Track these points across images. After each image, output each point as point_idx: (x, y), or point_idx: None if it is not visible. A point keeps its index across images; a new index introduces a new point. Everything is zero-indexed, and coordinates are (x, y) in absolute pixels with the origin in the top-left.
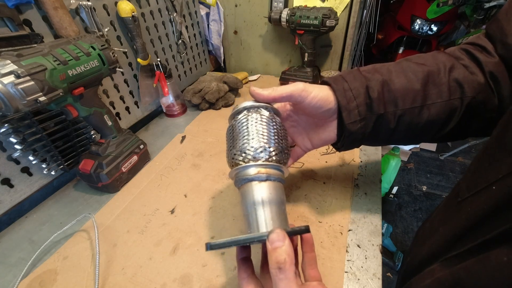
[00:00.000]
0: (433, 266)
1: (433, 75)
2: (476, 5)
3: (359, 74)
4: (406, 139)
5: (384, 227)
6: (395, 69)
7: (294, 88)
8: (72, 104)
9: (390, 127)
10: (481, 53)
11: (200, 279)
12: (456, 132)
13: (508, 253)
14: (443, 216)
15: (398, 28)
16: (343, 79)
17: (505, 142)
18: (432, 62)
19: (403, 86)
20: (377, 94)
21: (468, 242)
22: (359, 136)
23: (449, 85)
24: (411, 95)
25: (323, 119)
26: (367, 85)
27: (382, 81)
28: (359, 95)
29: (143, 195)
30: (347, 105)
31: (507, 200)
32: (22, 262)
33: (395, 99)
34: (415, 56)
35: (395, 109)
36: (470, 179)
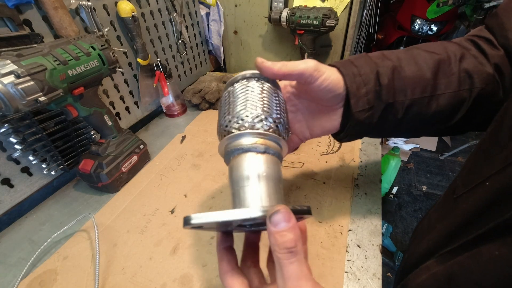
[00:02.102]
0: (429, 262)
1: (444, 64)
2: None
3: (369, 59)
4: (411, 131)
5: (384, 227)
6: (405, 56)
7: (305, 65)
8: (72, 104)
9: (398, 117)
10: (487, 45)
11: (200, 279)
12: (460, 125)
13: (500, 247)
14: (440, 213)
15: (398, 28)
16: (352, 64)
17: (498, 138)
18: (442, 51)
19: (413, 74)
20: (387, 81)
21: (462, 237)
22: (365, 126)
23: (459, 75)
24: (422, 84)
25: (329, 105)
26: (378, 71)
27: (393, 67)
28: (369, 81)
29: (143, 195)
30: (356, 91)
31: (500, 195)
32: (22, 262)
33: (405, 87)
34: (424, 44)
35: (404, 98)
36: (466, 176)
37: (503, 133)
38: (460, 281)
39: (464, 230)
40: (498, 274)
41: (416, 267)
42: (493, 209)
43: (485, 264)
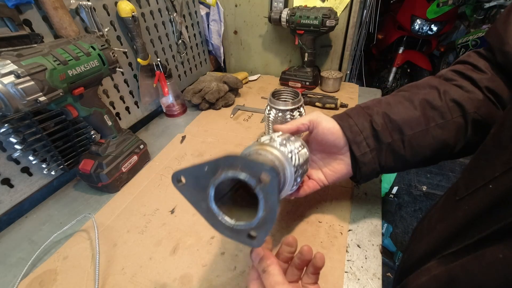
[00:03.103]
0: (430, 264)
1: (429, 100)
2: (476, 5)
3: (362, 110)
4: (422, 161)
5: (384, 227)
6: (393, 101)
7: (310, 116)
8: (72, 104)
9: (402, 153)
10: (472, 71)
11: (200, 279)
12: (472, 147)
13: (503, 250)
14: (441, 214)
15: (398, 28)
16: (347, 116)
17: (500, 140)
18: (425, 90)
19: (402, 114)
20: (380, 126)
21: (465, 239)
22: (375, 166)
23: (447, 105)
24: (413, 121)
25: (334, 151)
26: (371, 120)
27: (383, 113)
28: (364, 128)
29: (143, 195)
30: (354, 138)
31: (503, 198)
32: (22, 262)
33: (399, 127)
34: (409, 85)
35: (401, 136)
36: (468, 178)
37: (505, 135)
38: (462, 283)
39: (466, 232)
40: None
41: (416, 268)
42: (496, 212)
43: (489, 267)
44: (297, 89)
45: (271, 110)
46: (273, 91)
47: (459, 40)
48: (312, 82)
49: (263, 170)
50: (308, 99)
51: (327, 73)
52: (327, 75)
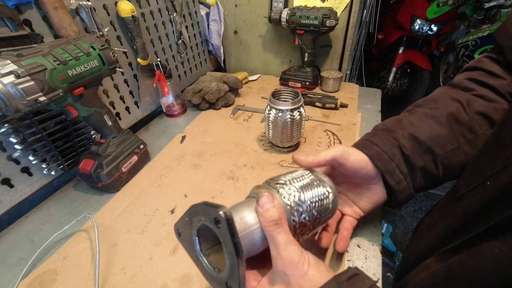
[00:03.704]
0: (429, 261)
1: (454, 115)
2: (476, 5)
3: (385, 134)
4: (456, 177)
5: (384, 227)
6: (415, 120)
7: (334, 151)
8: (72, 104)
9: (435, 173)
10: (489, 78)
11: (200, 279)
12: None
13: (500, 245)
14: (441, 212)
15: (398, 28)
16: (372, 143)
17: (501, 138)
18: (446, 103)
19: (430, 134)
20: (410, 150)
21: (462, 236)
22: (411, 191)
23: (474, 119)
24: (442, 139)
25: (365, 182)
26: (399, 144)
27: (409, 135)
28: (394, 155)
29: (143, 195)
30: (387, 168)
31: (500, 194)
32: (22, 262)
33: (429, 148)
34: (424, 99)
35: (433, 157)
36: (469, 176)
37: (506, 134)
38: (459, 278)
39: (464, 228)
40: (497, 271)
41: (415, 265)
42: (493, 208)
43: (485, 262)
44: (297, 89)
45: (271, 110)
46: (273, 91)
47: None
48: (312, 82)
49: (216, 214)
50: (308, 99)
51: (327, 73)
52: (327, 75)
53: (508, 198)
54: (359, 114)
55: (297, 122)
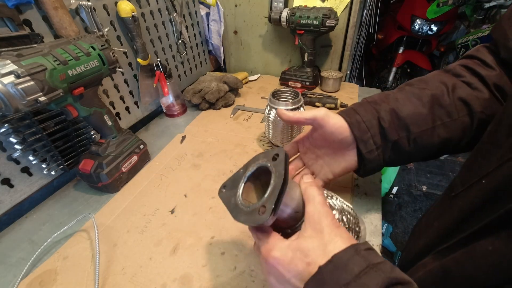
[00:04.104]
0: (425, 259)
1: (437, 97)
2: (476, 5)
3: (369, 106)
4: (426, 157)
5: (384, 227)
6: (400, 97)
7: (317, 113)
8: (72, 104)
9: (406, 150)
10: (481, 67)
11: (200, 279)
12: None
13: (493, 242)
14: (438, 211)
15: (398, 28)
16: (355, 112)
17: (496, 137)
18: (434, 85)
19: (411, 112)
20: (388, 123)
21: (458, 234)
22: (380, 162)
23: (455, 104)
24: (420, 119)
25: (341, 147)
26: (378, 116)
27: (391, 110)
28: (372, 126)
29: (143, 195)
30: (362, 136)
31: (495, 192)
32: (22, 262)
33: (406, 124)
34: (417, 79)
35: (408, 133)
36: (464, 174)
37: (500, 132)
38: (454, 276)
39: (460, 227)
40: (491, 267)
41: (412, 265)
42: (488, 206)
43: (479, 259)
44: (297, 89)
45: (271, 110)
46: (273, 91)
47: (459, 40)
48: (312, 82)
49: (278, 151)
50: (308, 99)
51: (327, 73)
52: (327, 75)
53: (502, 196)
54: None
55: None
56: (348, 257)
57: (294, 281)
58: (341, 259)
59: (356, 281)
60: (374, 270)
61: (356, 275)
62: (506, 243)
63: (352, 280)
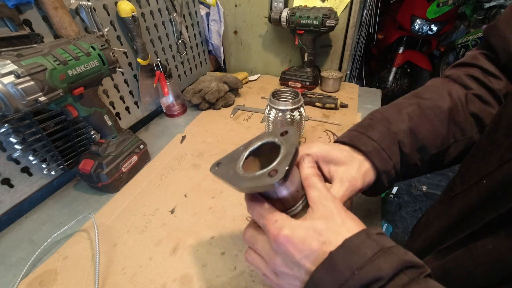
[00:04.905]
0: (426, 259)
1: (453, 112)
2: (476, 5)
3: (383, 127)
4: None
5: (384, 227)
6: (415, 114)
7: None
8: (72, 104)
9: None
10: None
11: (200, 279)
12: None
13: (493, 241)
14: (438, 211)
15: (398, 28)
16: (368, 138)
17: (496, 137)
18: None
19: (429, 133)
20: (409, 148)
21: (458, 233)
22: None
23: (468, 120)
24: (439, 140)
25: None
26: (399, 141)
27: (410, 130)
28: (393, 154)
29: (143, 195)
30: (384, 167)
31: (495, 192)
32: (22, 262)
33: (423, 146)
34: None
35: (424, 155)
36: (463, 174)
37: (500, 132)
38: (454, 275)
39: (460, 226)
40: (490, 266)
41: None
42: (488, 206)
43: (479, 258)
44: (297, 89)
45: (271, 110)
46: (273, 91)
47: (459, 40)
48: (312, 82)
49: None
50: (308, 99)
51: (327, 73)
52: (327, 75)
53: (502, 196)
54: (359, 114)
55: (297, 122)
56: (360, 241)
57: (305, 262)
58: (352, 242)
59: (369, 264)
60: (387, 253)
61: (369, 258)
62: (504, 242)
63: (365, 264)
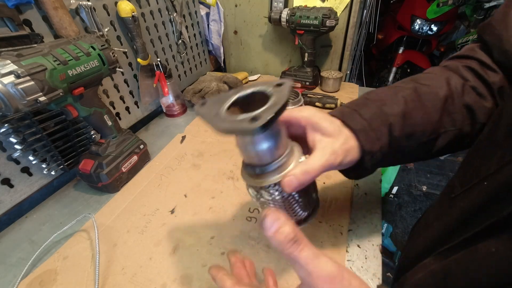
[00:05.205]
0: (426, 260)
1: (447, 101)
2: (476, 5)
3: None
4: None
5: (384, 227)
6: (411, 98)
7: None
8: (72, 104)
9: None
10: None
11: (200, 279)
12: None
13: (496, 243)
14: (437, 211)
15: (398, 28)
16: (359, 116)
17: (495, 137)
18: (445, 85)
19: (422, 119)
20: (398, 132)
21: (460, 235)
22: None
23: (461, 111)
24: (429, 127)
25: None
26: (390, 123)
27: (403, 114)
28: (381, 135)
29: (143, 195)
30: (371, 148)
31: (497, 194)
32: (22, 262)
33: (413, 132)
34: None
35: (412, 143)
36: (463, 175)
37: (499, 132)
38: (456, 277)
39: (461, 228)
40: (493, 269)
41: (413, 265)
42: (490, 207)
43: (481, 260)
44: (297, 89)
45: None
46: None
47: (459, 40)
48: (312, 82)
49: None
50: (308, 99)
51: (327, 73)
52: (327, 75)
53: (504, 197)
54: None
55: None
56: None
57: None
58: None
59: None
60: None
61: None
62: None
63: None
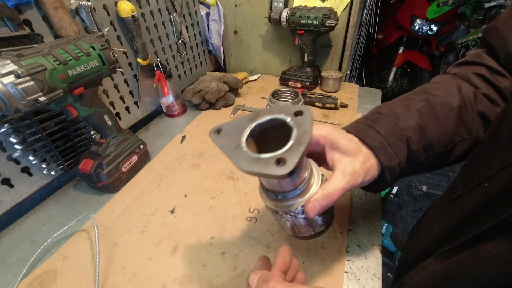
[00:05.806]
0: (427, 262)
1: (461, 110)
2: (476, 5)
3: (390, 122)
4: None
5: (384, 227)
6: (424, 110)
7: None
8: (72, 104)
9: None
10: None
11: (200, 279)
12: None
13: (498, 245)
14: (438, 212)
15: (398, 28)
16: (376, 132)
17: (498, 138)
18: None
19: (438, 131)
20: (416, 145)
21: (460, 237)
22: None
23: (475, 120)
24: (446, 138)
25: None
26: (407, 138)
27: (418, 127)
28: (400, 151)
29: (143, 195)
30: (390, 164)
31: (498, 195)
32: (22, 262)
33: (430, 144)
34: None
35: (430, 153)
36: (465, 176)
37: (502, 133)
38: (457, 279)
39: (462, 229)
40: (495, 271)
41: (413, 266)
42: (491, 209)
43: (483, 262)
44: (297, 89)
45: None
46: (273, 91)
47: (459, 40)
48: (312, 82)
49: (302, 108)
50: (308, 99)
51: (327, 73)
52: (327, 75)
53: (506, 199)
54: (359, 114)
55: None
56: None
57: None
58: None
59: None
60: None
61: None
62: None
63: None
